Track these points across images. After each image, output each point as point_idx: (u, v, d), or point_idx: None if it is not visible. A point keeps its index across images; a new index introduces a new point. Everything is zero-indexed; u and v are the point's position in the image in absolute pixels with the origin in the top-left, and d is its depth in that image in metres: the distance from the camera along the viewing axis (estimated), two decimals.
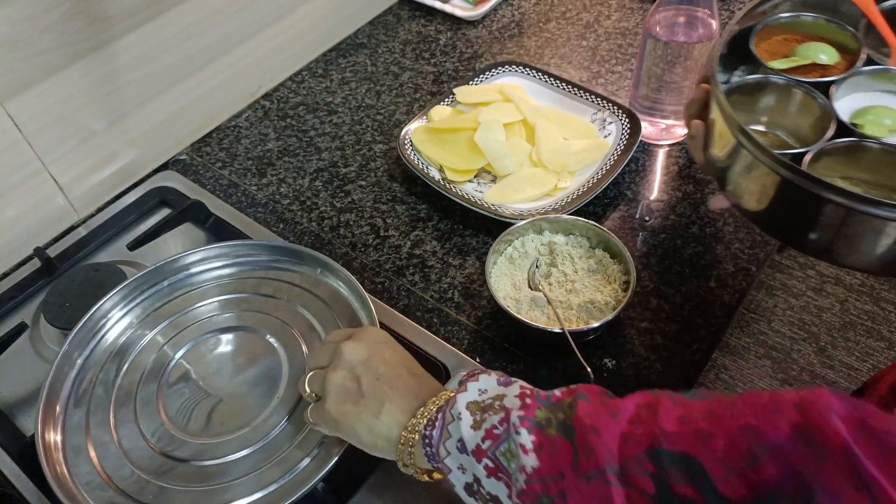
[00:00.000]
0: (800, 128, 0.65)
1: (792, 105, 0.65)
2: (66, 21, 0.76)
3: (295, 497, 0.56)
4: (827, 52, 0.66)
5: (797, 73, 0.64)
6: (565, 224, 0.75)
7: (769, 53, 0.68)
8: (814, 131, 0.62)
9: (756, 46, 0.67)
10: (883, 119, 0.59)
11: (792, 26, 0.70)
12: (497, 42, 1.09)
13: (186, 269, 0.75)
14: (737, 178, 0.60)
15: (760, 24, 0.68)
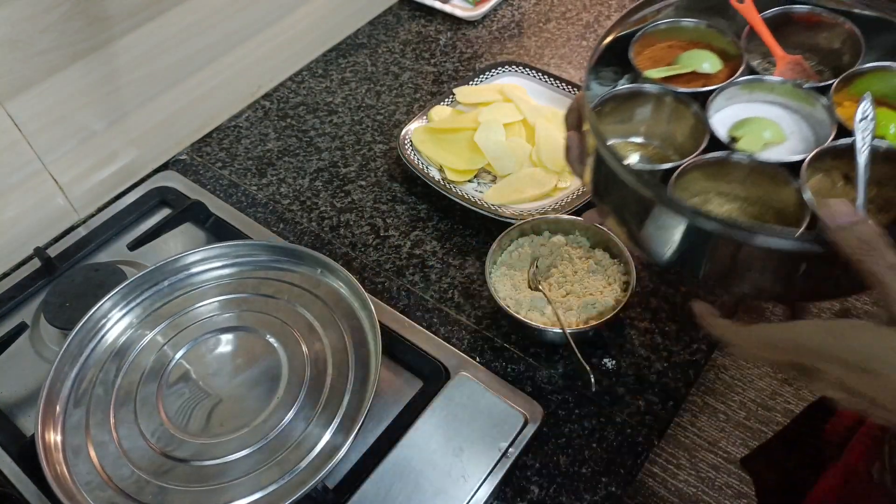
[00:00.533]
0: (677, 139, 0.62)
1: (667, 116, 0.62)
2: (66, 21, 0.76)
3: (295, 497, 0.56)
4: (710, 60, 0.63)
5: (677, 81, 0.61)
6: (565, 224, 0.75)
7: (652, 61, 0.65)
8: (690, 143, 0.58)
9: (637, 54, 0.63)
10: (762, 132, 0.57)
11: (673, 32, 0.66)
12: (497, 42, 1.09)
13: (186, 269, 0.75)
14: (602, 193, 0.56)
15: (641, 30, 0.65)
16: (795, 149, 0.57)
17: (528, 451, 0.64)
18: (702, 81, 0.62)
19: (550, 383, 0.69)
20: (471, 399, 0.66)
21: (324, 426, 0.62)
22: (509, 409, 0.65)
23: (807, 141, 0.58)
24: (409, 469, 0.62)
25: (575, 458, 0.64)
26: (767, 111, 0.61)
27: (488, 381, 0.68)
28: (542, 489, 0.62)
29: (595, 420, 0.66)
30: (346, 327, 0.69)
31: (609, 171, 0.52)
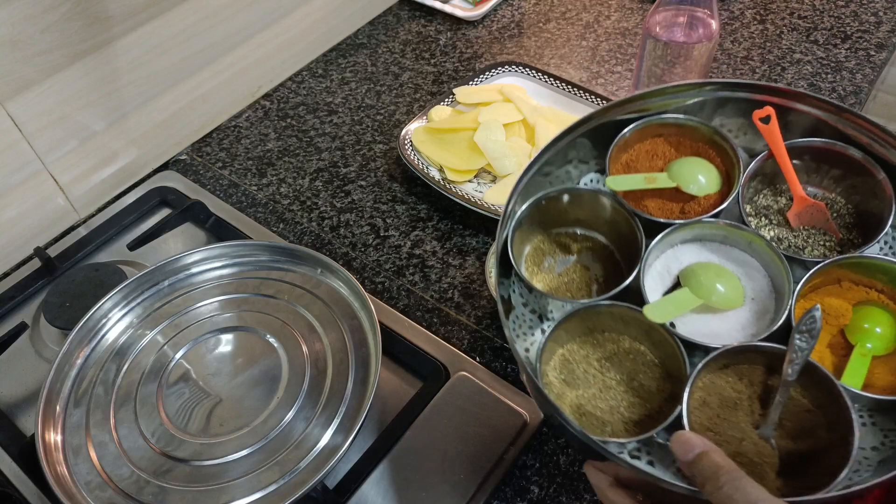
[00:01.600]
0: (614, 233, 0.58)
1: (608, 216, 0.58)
2: (67, 21, 0.76)
3: (295, 497, 0.56)
4: (706, 175, 0.55)
5: (650, 196, 0.56)
6: None
7: (647, 155, 0.59)
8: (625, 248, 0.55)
9: (625, 147, 0.58)
10: (714, 285, 0.51)
11: (680, 129, 0.59)
12: (497, 42, 1.09)
13: (186, 269, 0.75)
14: None
15: (630, 129, 0.58)
16: (745, 319, 0.51)
17: (528, 451, 0.64)
18: (679, 204, 0.56)
19: None
20: (470, 399, 0.66)
21: (324, 426, 0.62)
22: (509, 409, 0.65)
23: (764, 315, 0.51)
24: (409, 469, 0.62)
25: (575, 458, 0.64)
26: (741, 260, 0.54)
27: (488, 381, 0.68)
28: (542, 489, 0.62)
29: None
30: (346, 327, 0.69)
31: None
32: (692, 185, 0.56)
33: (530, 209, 0.57)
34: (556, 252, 0.59)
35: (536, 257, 0.58)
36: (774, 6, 1.11)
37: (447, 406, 0.66)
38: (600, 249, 0.59)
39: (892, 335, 0.49)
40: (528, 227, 0.58)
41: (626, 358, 0.52)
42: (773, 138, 0.54)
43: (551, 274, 0.58)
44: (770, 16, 1.10)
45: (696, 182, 0.56)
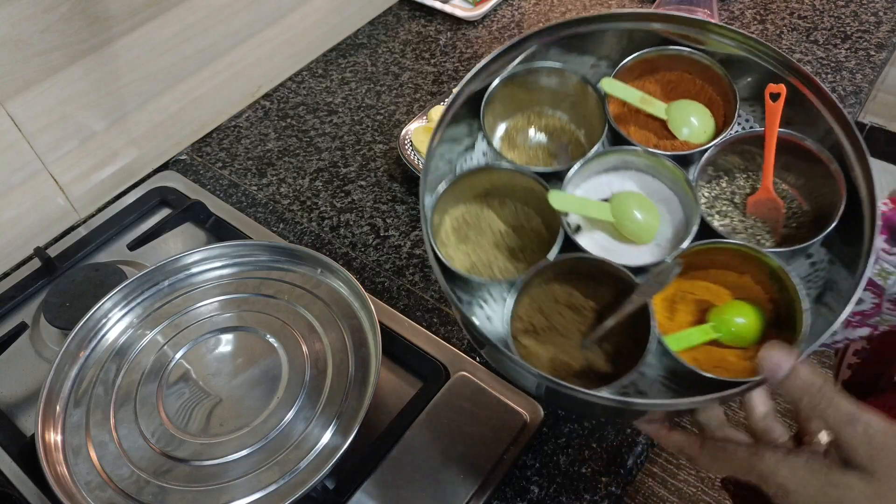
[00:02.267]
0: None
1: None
2: (67, 21, 0.76)
3: (295, 497, 0.56)
4: (699, 118, 0.53)
5: (634, 116, 0.56)
6: None
7: (655, 85, 0.57)
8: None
9: (633, 72, 0.56)
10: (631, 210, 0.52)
11: (686, 62, 0.57)
12: (497, 42, 1.09)
13: (186, 269, 0.75)
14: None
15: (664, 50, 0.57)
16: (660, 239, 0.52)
17: (527, 451, 0.64)
18: (662, 142, 0.55)
19: None
20: (470, 399, 0.66)
21: (324, 426, 0.62)
22: (509, 409, 0.65)
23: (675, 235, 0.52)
24: (409, 469, 0.62)
25: (575, 458, 0.64)
26: (656, 188, 0.54)
27: (488, 381, 0.68)
28: (542, 489, 0.62)
29: (595, 420, 0.66)
30: (346, 327, 0.69)
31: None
32: (684, 128, 0.54)
33: (506, 87, 0.56)
34: (530, 131, 0.59)
35: (511, 136, 0.59)
36: (774, 6, 1.11)
37: (447, 406, 0.66)
38: (572, 142, 0.58)
39: (752, 331, 0.49)
40: (506, 105, 0.58)
41: (520, 221, 0.54)
42: (773, 119, 0.53)
43: (521, 149, 0.58)
44: (770, 16, 1.10)
45: (688, 126, 0.54)
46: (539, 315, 0.51)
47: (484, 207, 0.56)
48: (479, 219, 0.55)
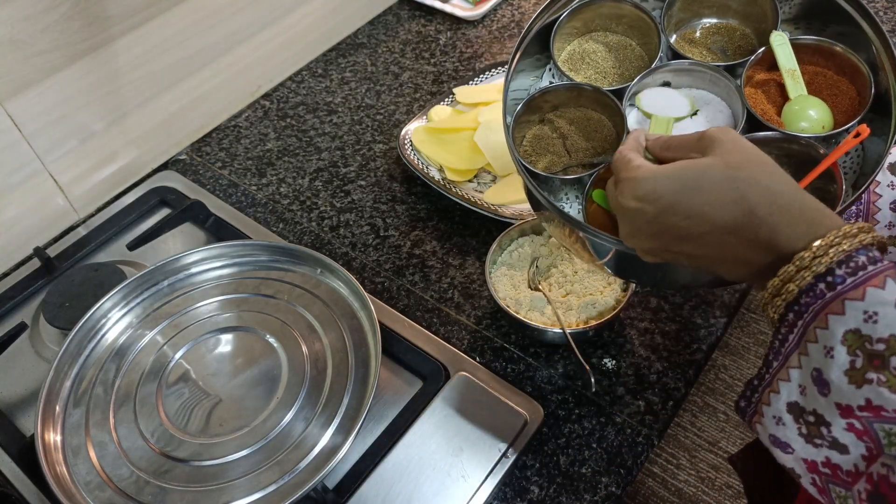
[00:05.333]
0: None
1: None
2: (66, 21, 0.76)
3: (295, 497, 0.56)
4: (819, 112, 0.56)
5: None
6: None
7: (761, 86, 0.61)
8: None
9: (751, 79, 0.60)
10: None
11: None
12: (497, 42, 1.09)
13: (186, 269, 0.75)
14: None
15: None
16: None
17: (528, 451, 0.64)
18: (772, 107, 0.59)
19: (550, 383, 0.69)
20: (471, 399, 0.66)
21: (324, 426, 0.62)
22: (509, 409, 0.65)
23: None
24: (409, 469, 0.62)
25: (575, 458, 0.64)
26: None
27: (488, 381, 0.68)
28: (542, 489, 0.62)
29: (595, 420, 0.66)
30: (346, 327, 0.69)
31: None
32: (803, 122, 0.56)
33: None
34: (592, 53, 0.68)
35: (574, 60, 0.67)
36: None
37: (447, 406, 0.66)
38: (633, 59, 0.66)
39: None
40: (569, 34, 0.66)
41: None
42: (841, 149, 0.53)
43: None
44: None
45: (807, 120, 0.56)
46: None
47: (554, 121, 0.64)
48: (551, 132, 0.64)
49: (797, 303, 0.39)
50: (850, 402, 0.37)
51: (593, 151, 0.61)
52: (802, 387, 0.39)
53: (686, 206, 0.42)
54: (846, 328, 0.37)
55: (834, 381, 0.37)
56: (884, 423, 0.36)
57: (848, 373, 0.37)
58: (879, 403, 0.36)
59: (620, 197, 0.46)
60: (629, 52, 0.67)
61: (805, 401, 0.39)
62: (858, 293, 0.37)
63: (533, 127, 0.65)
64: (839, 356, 0.37)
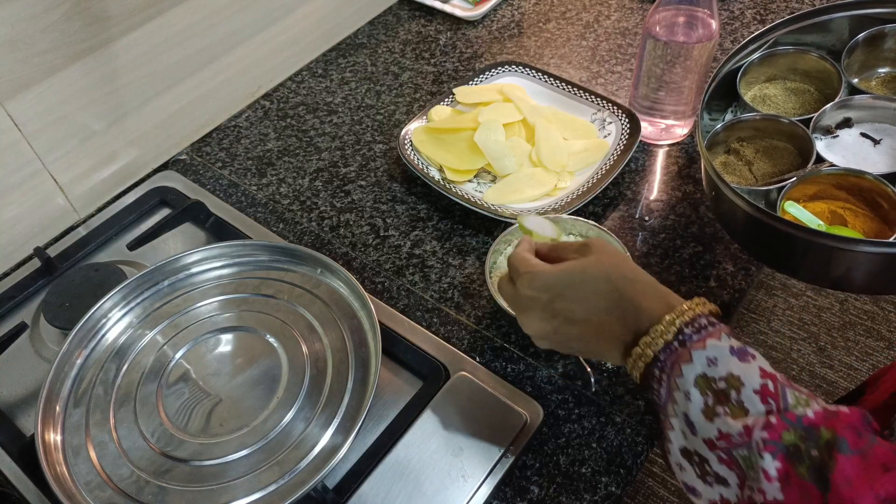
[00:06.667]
0: None
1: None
2: (66, 21, 0.76)
3: (294, 497, 0.56)
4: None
5: None
6: (565, 224, 0.75)
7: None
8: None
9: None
10: None
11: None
12: (497, 42, 1.09)
13: (186, 269, 0.75)
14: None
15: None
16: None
17: (528, 451, 0.64)
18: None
19: (550, 383, 0.69)
20: (470, 399, 0.66)
21: (324, 426, 0.62)
22: (509, 409, 0.65)
23: None
24: (409, 469, 0.62)
25: (575, 458, 0.64)
26: None
27: (488, 381, 0.68)
28: (542, 489, 0.62)
29: (595, 420, 0.66)
30: (346, 327, 0.69)
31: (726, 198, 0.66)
32: None
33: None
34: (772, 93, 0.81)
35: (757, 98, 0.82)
36: (774, 6, 1.11)
37: (447, 406, 0.66)
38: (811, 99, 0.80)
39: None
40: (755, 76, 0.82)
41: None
42: None
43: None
44: (770, 16, 1.10)
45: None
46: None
47: (740, 151, 0.76)
48: (739, 157, 0.76)
49: (658, 360, 0.47)
50: (709, 435, 0.43)
51: (779, 174, 0.72)
52: (683, 431, 0.46)
53: (573, 293, 0.53)
54: (695, 373, 0.45)
55: (696, 421, 0.44)
56: (737, 449, 0.42)
57: (704, 411, 0.44)
58: (728, 432, 0.42)
59: (521, 288, 0.55)
60: (808, 96, 0.79)
61: (688, 443, 0.45)
62: (701, 344, 0.45)
63: (719, 156, 0.76)
64: (695, 398, 0.44)
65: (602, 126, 0.91)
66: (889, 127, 0.72)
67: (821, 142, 0.71)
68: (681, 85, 0.84)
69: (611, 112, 0.91)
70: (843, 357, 1.70)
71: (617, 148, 0.87)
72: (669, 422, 0.46)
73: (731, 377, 0.44)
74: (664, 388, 0.47)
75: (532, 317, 0.55)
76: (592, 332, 0.52)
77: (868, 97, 0.72)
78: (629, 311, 0.50)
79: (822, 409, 0.41)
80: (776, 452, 0.40)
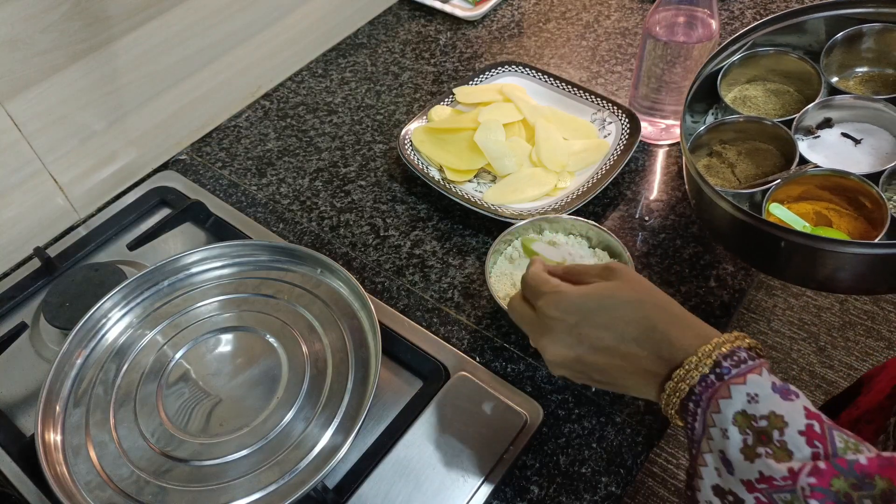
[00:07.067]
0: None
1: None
2: (66, 21, 0.76)
3: (295, 497, 0.56)
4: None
5: None
6: (565, 224, 0.75)
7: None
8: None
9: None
10: None
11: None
12: (497, 42, 1.09)
13: (186, 269, 0.75)
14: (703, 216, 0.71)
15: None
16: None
17: (527, 451, 0.64)
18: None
19: (550, 383, 0.69)
20: (470, 399, 0.66)
21: (324, 426, 0.62)
22: (509, 409, 0.65)
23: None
24: (409, 469, 0.62)
25: (575, 458, 0.64)
26: None
27: (488, 381, 0.68)
28: (542, 489, 0.62)
29: (595, 420, 0.66)
30: (346, 327, 0.69)
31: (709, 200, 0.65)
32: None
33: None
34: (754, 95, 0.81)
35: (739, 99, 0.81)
36: (774, 6, 1.11)
37: (447, 406, 0.66)
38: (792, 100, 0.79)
39: None
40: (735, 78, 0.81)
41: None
42: None
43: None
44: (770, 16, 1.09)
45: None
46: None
47: (723, 153, 0.76)
48: (720, 162, 0.76)
49: (693, 393, 0.45)
50: (749, 476, 0.41)
51: (763, 176, 0.71)
52: (717, 469, 0.43)
53: (602, 318, 0.50)
54: (734, 410, 0.42)
55: (733, 460, 0.42)
56: (779, 493, 0.40)
57: (743, 450, 0.41)
58: (770, 474, 0.40)
59: (544, 308, 0.52)
60: (788, 97, 0.79)
61: (722, 481, 0.43)
62: (741, 379, 0.43)
63: (702, 159, 0.76)
64: (733, 436, 0.42)
65: (602, 126, 0.91)
66: (869, 126, 0.72)
67: (803, 142, 0.71)
68: (681, 85, 0.84)
69: (611, 112, 0.91)
70: (843, 357, 1.70)
71: (617, 148, 0.87)
72: (703, 457, 0.44)
73: (773, 416, 0.41)
74: (699, 422, 0.45)
75: (555, 341, 0.51)
76: (618, 362, 0.49)
77: (849, 97, 0.72)
78: (662, 343, 0.47)
79: (875, 456, 0.38)
80: (825, 500, 0.38)
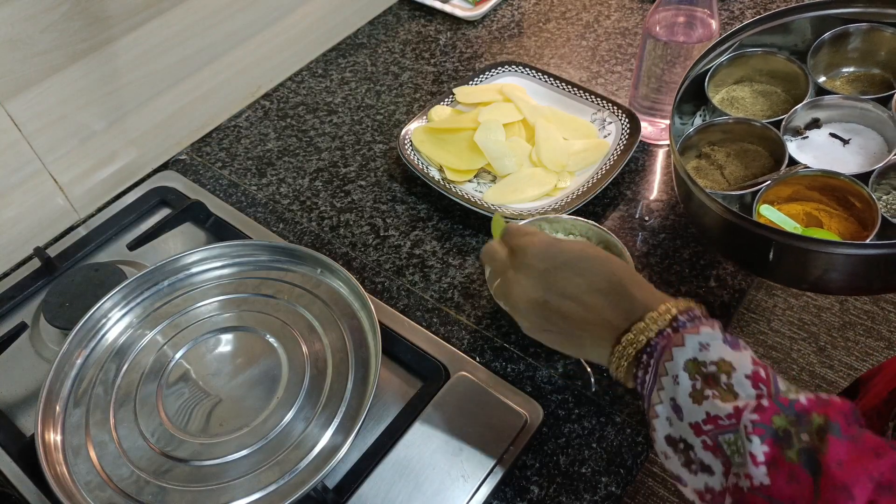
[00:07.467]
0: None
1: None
2: (66, 21, 0.76)
3: (295, 497, 0.56)
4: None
5: None
6: (565, 224, 0.75)
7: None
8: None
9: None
10: None
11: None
12: (497, 42, 1.09)
13: (186, 269, 0.75)
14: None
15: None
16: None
17: (527, 451, 0.64)
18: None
19: (550, 383, 0.69)
20: (470, 399, 0.66)
21: (324, 426, 0.62)
22: (509, 409, 0.65)
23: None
24: (409, 469, 0.62)
25: (575, 458, 0.64)
26: None
27: (488, 381, 0.68)
28: (542, 489, 0.62)
29: (595, 420, 0.66)
30: (346, 327, 0.69)
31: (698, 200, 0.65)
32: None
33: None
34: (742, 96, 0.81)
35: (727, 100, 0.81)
36: (774, 6, 1.11)
37: (447, 406, 0.66)
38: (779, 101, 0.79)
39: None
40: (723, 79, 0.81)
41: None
42: None
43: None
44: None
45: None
46: None
47: (711, 155, 0.76)
48: (711, 161, 0.76)
49: (649, 345, 0.47)
50: (696, 418, 0.43)
51: (752, 177, 0.71)
52: (669, 419, 0.45)
53: (572, 268, 0.52)
54: (686, 357, 0.45)
55: (683, 405, 0.44)
56: (724, 433, 0.42)
57: (692, 394, 0.44)
58: (716, 414, 0.42)
59: (520, 250, 0.55)
60: (775, 97, 0.79)
61: (673, 430, 0.45)
62: (695, 329, 0.46)
63: (691, 160, 0.76)
64: (683, 381, 0.44)
65: (602, 126, 0.91)
66: (857, 126, 0.72)
67: (791, 143, 0.71)
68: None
69: (611, 112, 0.91)
70: (843, 357, 1.70)
71: (617, 148, 0.87)
72: (654, 409, 0.46)
73: (722, 362, 0.44)
74: (650, 374, 0.47)
75: (524, 284, 0.54)
76: (581, 311, 0.51)
77: (837, 97, 0.72)
78: (625, 298, 0.50)
79: (813, 397, 0.41)
80: (765, 436, 0.39)
